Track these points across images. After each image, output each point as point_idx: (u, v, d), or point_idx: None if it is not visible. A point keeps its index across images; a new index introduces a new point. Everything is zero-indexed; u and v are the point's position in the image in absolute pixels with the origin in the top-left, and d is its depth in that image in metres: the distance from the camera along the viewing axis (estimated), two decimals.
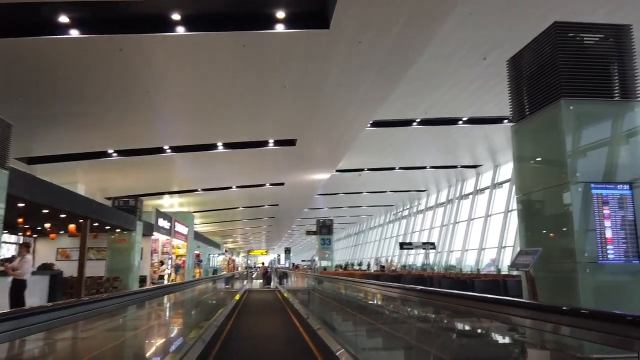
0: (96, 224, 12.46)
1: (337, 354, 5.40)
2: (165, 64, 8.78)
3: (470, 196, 25.51)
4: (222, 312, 9.36)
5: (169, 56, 8.46)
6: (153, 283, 17.92)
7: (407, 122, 15.46)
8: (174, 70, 9.11)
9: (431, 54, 10.38)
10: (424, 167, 23.31)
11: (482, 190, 24.43)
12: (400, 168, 23.23)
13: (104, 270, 14.40)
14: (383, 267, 23.71)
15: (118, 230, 14.23)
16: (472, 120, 15.69)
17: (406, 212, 35.96)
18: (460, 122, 15.71)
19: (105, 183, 18.03)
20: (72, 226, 12.62)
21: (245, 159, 16.72)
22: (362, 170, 23.12)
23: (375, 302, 6.56)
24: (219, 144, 14.50)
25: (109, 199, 15.27)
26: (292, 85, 10.04)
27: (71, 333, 5.74)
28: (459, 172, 25.56)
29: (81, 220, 11.50)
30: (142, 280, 16.19)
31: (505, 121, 15.85)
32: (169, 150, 14.65)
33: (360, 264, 40.14)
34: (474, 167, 23.49)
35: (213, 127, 12.85)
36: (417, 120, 15.32)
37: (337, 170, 21.31)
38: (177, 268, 23.38)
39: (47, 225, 12.60)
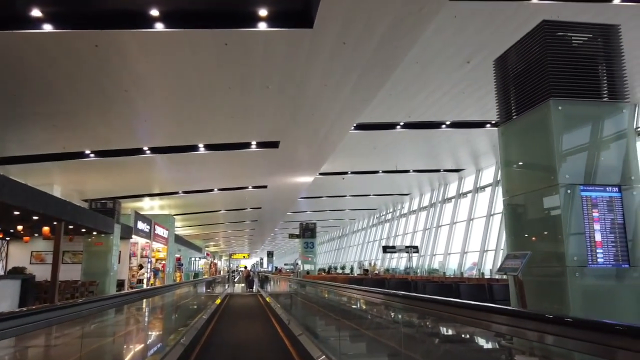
0: (71, 227, 12.03)
1: None
2: (144, 61, 8.51)
3: (453, 200, 25.61)
4: (201, 316, 9.09)
5: (147, 54, 8.19)
6: (131, 287, 17.48)
7: (391, 126, 15.40)
8: (153, 68, 8.84)
9: (414, 57, 10.32)
10: (407, 171, 23.30)
11: (465, 194, 24.55)
12: (384, 172, 23.19)
13: (80, 275, 13.92)
14: (367, 270, 23.60)
15: (95, 233, 13.79)
16: (455, 124, 15.71)
17: (389, 216, 36.00)
18: (444, 125, 15.72)
19: (82, 185, 17.57)
20: (46, 229, 12.19)
21: (227, 161, 16.46)
22: (345, 173, 23.02)
23: (358, 307, 6.40)
24: (200, 145, 14.21)
25: (86, 201, 14.83)
26: (275, 86, 9.86)
27: (41, 340, 5.45)
28: (441, 176, 25.67)
29: (55, 223, 11.09)
30: (120, 284, 15.73)
31: (488, 125, 15.95)
32: (148, 152, 14.31)
33: (343, 268, 40.05)
34: (457, 171, 23.60)
35: (194, 127, 12.56)
36: (401, 123, 15.27)
37: (321, 173, 21.18)
38: (155, 272, 22.92)
39: (20, 227, 12.13)
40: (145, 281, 18.69)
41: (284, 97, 10.59)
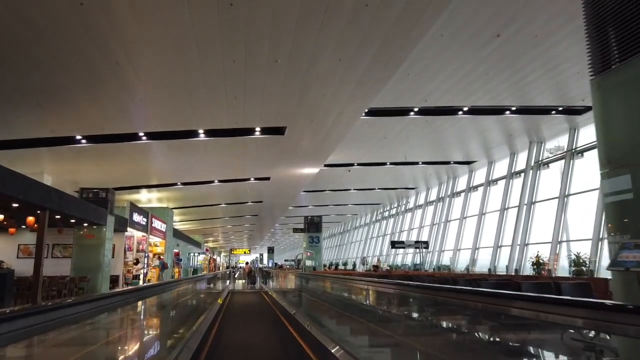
0: (58, 217, 11.00)
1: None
2: (135, 24, 7.46)
3: (463, 194, 24.63)
4: (206, 316, 8.11)
5: (138, 13, 7.13)
6: (126, 284, 16.48)
7: (404, 111, 14.39)
8: (146, 33, 7.78)
9: (439, 29, 9.33)
10: (416, 163, 22.31)
11: (475, 187, 23.56)
12: (392, 163, 22.21)
13: (70, 269, 12.89)
14: (376, 266, 22.60)
15: (86, 224, 12.76)
16: (473, 111, 14.70)
17: (394, 211, 35.00)
18: (460, 112, 14.71)
19: (75, 174, 16.52)
20: (30, 219, 11.18)
21: (228, 150, 15.43)
22: (352, 165, 22.03)
23: (406, 309, 5.34)
24: (200, 131, 13.18)
25: (77, 192, 13.78)
26: (284, 60, 8.83)
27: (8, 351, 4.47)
28: (450, 170, 24.69)
29: (39, 212, 10.06)
30: (114, 280, 14.71)
31: (507, 112, 14.96)
32: (144, 138, 13.29)
33: (345, 264, 39.12)
34: (467, 163, 22.61)
35: (193, 110, 11.52)
36: (415, 109, 14.25)
37: (326, 165, 20.18)
38: (162, 266, 21.82)
39: (0, 217, 11.10)
40: (142, 277, 17.66)
41: (293, 75, 9.57)
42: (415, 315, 5.12)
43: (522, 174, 19.65)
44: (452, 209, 25.47)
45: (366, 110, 13.53)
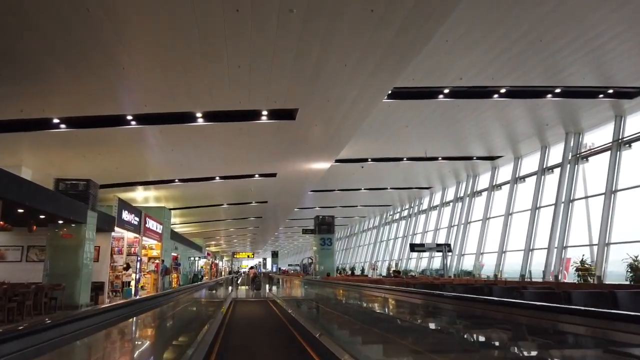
0: (21, 210, 9.12)
1: None
2: None
3: (484, 193, 22.73)
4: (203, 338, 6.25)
5: None
6: (114, 291, 14.60)
7: (433, 93, 12.53)
8: None
9: None
10: (436, 159, 20.44)
11: (499, 185, 21.67)
12: (409, 159, 20.34)
13: (42, 275, 10.93)
14: (398, 272, 20.63)
15: (61, 221, 10.87)
16: (511, 93, 12.83)
17: (407, 212, 33.07)
18: (496, 95, 12.85)
19: (59, 168, 14.64)
20: None
21: (231, 138, 13.59)
22: (365, 160, 20.17)
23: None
24: (198, 114, 11.35)
25: (61, 180, 11.77)
26: (300, 10, 6.99)
27: None
28: (470, 166, 22.82)
29: None
30: (98, 288, 12.77)
31: (549, 95, 13.10)
32: (134, 123, 11.46)
33: (353, 269, 37.16)
34: (491, 159, 20.70)
35: (188, 84, 9.67)
36: (446, 90, 12.39)
37: (337, 161, 18.34)
38: (164, 271, 19.94)
39: None
40: (133, 284, 15.76)
41: (312, 34, 7.73)
42: None
43: (554, 170, 17.76)
44: (472, 209, 23.56)
45: (389, 92, 11.69)
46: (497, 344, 3.47)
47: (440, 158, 20.53)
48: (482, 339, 3.84)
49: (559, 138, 17.40)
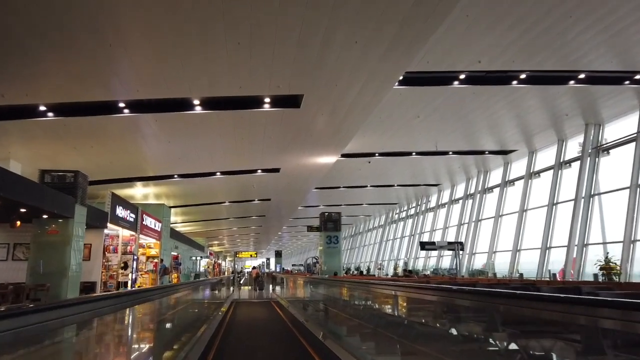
0: None
1: None
2: None
3: (495, 190, 21.86)
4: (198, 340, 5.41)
5: None
6: (106, 291, 13.78)
7: (448, 78, 11.68)
8: None
9: None
10: (447, 153, 19.56)
11: (512, 181, 20.79)
12: (418, 153, 19.47)
13: (26, 275, 10.04)
14: (410, 271, 19.72)
15: (45, 216, 10.01)
16: (532, 79, 11.97)
17: (415, 211, 32.18)
18: (515, 81, 11.99)
19: (50, 162, 13.75)
20: None
21: (232, 129, 12.74)
22: (372, 155, 19.32)
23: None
24: (195, 101, 10.51)
25: (46, 171, 10.88)
26: None
27: None
28: (481, 162, 21.94)
29: None
30: (88, 288, 11.91)
31: (572, 82, 12.22)
32: (127, 111, 10.65)
33: (358, 269, 36.29)
34: (504, 153, 19.80)
35: (186, 68, 8.84)
36: (462, 76, 11.52)
37: (343, 155, 17.52)
38: (162, 271, 19.12)
39: None
40: (129, 284, 14.94)
41: (318, 4, 6.89)
42: None
43: (570, 164, 16.88)
44: (483, 206, 22.66)
45: (400, 78, 10.83)
46: None
47: (450, 152, 19.66)
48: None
49: (577, 130, 16.52)
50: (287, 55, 8.44)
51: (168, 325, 6.85)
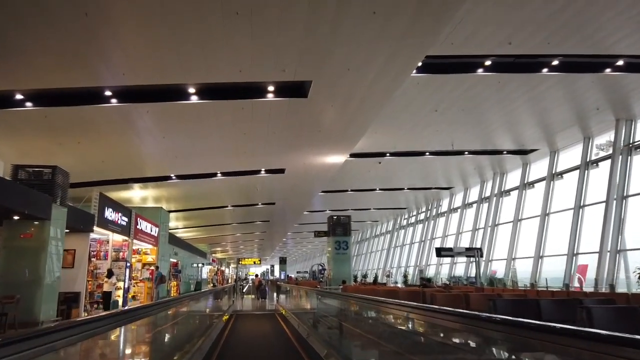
0: None
1: None
2: None
3: (513, 193, 20.58)
4: None
5: None
6: (94, 303, 12.55)
7: (472, 65, 10.50)
8: None
9: None
10: (462, 153, 18.34)
11: (531, 183, 19.52)
12: (432, 153, 18.27)
13: None
14: (428, 280, 18.40)
15: (17, 217, 8.77)
16: (565, 66, 10.77)
17: (426, 216, 30.87)
18: (546, 69, 10.81)
19: (36, 161, 12.63)
20: None
21: (232, 122, 11.58)
22: (383, 155, 18.12)
23: None
24: (191, 89, 9.38)
25: (20, 167, 9.70)
26: None
27: None
28: (497, 163, 20.69)
29: None
30: (71, 300, 10.65)
31: (608, 70, 11.00)
32: (114, 101, 9.53)
33: (365, 277, 34.94)
34: (524, 153, 18.54)
35: (178, 47, 7.70)
36: (487, 62, 10.34)
37: (352, 155, 16.34)
38: (159, 280, 17.93)
39: None
40: (120, 295, 13.69)
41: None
42: None
43: (599, 164, 15.63)
44: (500, 210, 21.38)
45: (419, 64, 9.65)
46: None
47: (466, 152, 18.43)
48: None
49: (605, 127, 15.26)
50: (293, 28, 7.29)
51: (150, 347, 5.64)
